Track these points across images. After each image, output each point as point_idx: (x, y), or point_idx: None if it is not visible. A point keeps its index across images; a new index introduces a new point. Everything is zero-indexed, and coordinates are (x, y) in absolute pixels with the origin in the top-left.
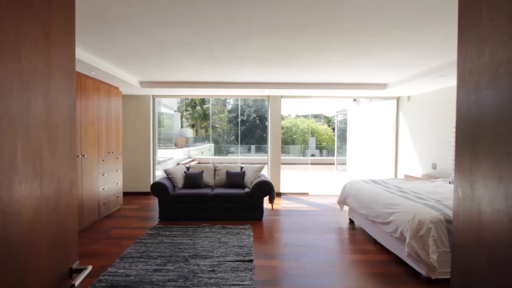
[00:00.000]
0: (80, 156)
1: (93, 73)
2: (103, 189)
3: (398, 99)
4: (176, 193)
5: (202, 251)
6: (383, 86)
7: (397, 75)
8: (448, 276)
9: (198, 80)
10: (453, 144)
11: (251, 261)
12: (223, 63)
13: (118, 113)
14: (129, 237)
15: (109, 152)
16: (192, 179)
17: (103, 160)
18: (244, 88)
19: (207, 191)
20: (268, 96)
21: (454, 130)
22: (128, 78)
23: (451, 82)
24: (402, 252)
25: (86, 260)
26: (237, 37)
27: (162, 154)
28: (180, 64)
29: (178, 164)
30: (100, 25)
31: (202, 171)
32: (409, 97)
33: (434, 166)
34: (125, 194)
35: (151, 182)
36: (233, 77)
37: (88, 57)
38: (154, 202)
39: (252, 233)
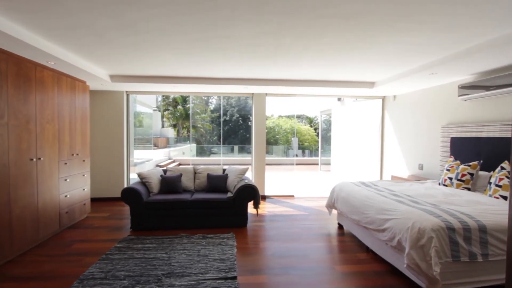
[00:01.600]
0: (34, 159)
1: (52, 63)
2: (66, 196)
3: (383, 98)
4: (150, 200)
5: (179, 267)
6: (371, 84)
7: (386, 73)
8: None
9: (177, 75)
10: (441, 144)
11: (234, 278)
12: (203, 55)
13: (84, 110)
14: (94, 252)
15: (73, 154)
16: (169, 183)
17: (66, 164)
18: (227, 84)
19: (186, 196)
20: (252, 94)
21: (441, 130)
22: (95, 71)
23: (439, 81)
24: (398, 262)
25: (36, 284)
26: (219, 22)
27: (140, 155)
28: (154, 55)
29: (157, 165)
30: (54, 2)
31: (181, 174)
32: (395, 97)
33: (421, 167)
34: (95, 200)
35: (125, 186)
36: (215, 72)
37: (42, 43)
38: (128, 208)
39: (235, 243)
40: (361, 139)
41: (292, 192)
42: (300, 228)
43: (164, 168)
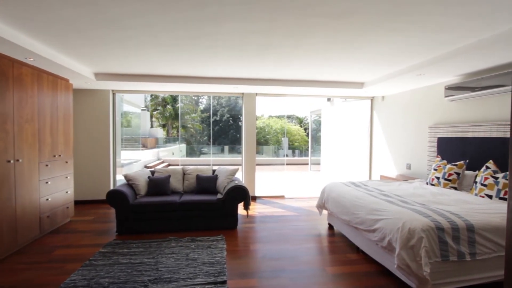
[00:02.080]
0: (12, 161)
1: (31, 59)
2: (47, 199)
3: (372, 99)
4: (137, 202)
5: (166, 272)
6: (360, 85)
7: (375, 73)
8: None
9: (165, 73)
10: (428, 144)
11: (224, 282)
12: (191, 53)
13: (67, 109)
14: (77, 258)
15: (55, 156)
16: (157, 184)
17: (47, 165)
18: (216, 83)
19: (174, 198)
20: (243, 93)
21: (429, 130)
22: (79, 69)
23: (427, 81)
24: (388, 262)
25: None
26: (207, 18)
27: (128, 156)
28: (141, 53)
29: (145, 166)
30: None
31: (169, 176)
32: (383, 97)
33: (408, 167)
34: (79, 203)
35: (111, 188)
36: (204, 71)
37: (20, 38)
38: (114, 211)
39: (225, 246)
40: (351, 139)
41: (282, 193)
42: (290, 229)
43: (152, 169)
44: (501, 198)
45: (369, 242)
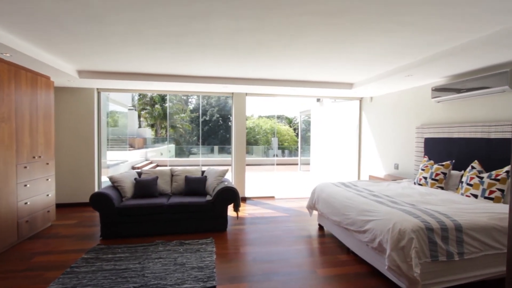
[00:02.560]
0: None
1: (7, 55)
2: (26, 203)
3: (361, 100)
4: (123, 205)
5: (153, 278)
6: (350, 85)
7: (365, 74)
8: None
9: (152, 72)
10: (415, 145)
11: (213, 287)
12: (179, 50)
13: (48, 108)
14: (57, 265)
15: (34, 157)
16: (144, 186)
17: (26, 167)
18: (206, 83)
19: (162, 200)
20: (232, 93)
21: (416, 131)
22: (61, 66)
23: (414, 83)
24: (378, 262)
25: None
26: (194, 15)
27: (114, 156)
28: (127, 50)
29: (132, 167)
30: None
31: (157, 177)
32: (371, 98)
33: (396, 166)
34: (62, 206)
35: (96, 190)
36: (193, 69)
37: None
38: (99, 214)
39: (214, 249)
40: (340, 140)
41: (272, 193)
42: (281, 230)
43: (139, 170)
44: (486, 198)
45: (359, 243)
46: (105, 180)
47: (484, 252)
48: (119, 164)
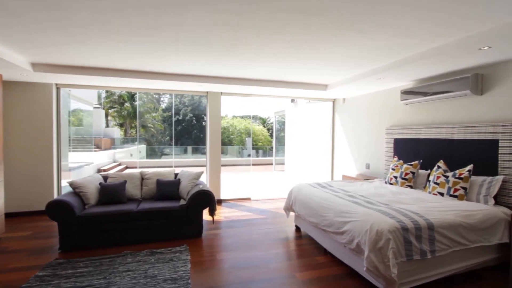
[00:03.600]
0: None
1: None
2: None
3: (334, 101)
4: (86, 213)
5: None
6: (324, 86)
7: (340, 76)
8: (409, 286)
9: (120, 67)
10: (385, 145)
11: None
12: (151, 45)
13: None
14: (4, 286)
15: None
16: (111, 192)
17: None
18: (179, 80)
19: (131, 207)
20: (207, 92)
21: (386, 132)
22: (10, 57)
23: (385, 85)
24: (355, 263)
25: None
26: (168, 5)
27: (78, 158)
28: (89, 42)
29: (99, 170)
30: None
31: (125, 181)
32: (344, 100)
33: (367, 166)
34: (13, 215)
35: (55, 196)
36: (165, 66)
37: None
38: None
39: (189, 257)
40: (314, 140)
41: (248, 194)
42: (258, 233)
43: (105, 173)
44: (451, 195)
45: (336, 244)
46: (66, 185)
47: (453, 249)
48: (83, 167)
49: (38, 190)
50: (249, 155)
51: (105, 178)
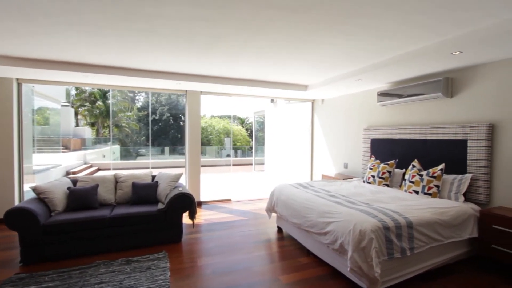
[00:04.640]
0: None
1: None
2: None
3: (313, 102)
4: (51, 221)
5: None
6: (305, 87)
7: (320, 76)
8: (389, 284)
9: (91, 62)
10: (363, 145)
11: None
12: (126, 39)
13: None
14: None
15: None
16: (81, 197)
17: None
18: (156, 78)
19: (104, 212)
20: (186, 91)
21: (363, 132)
22: None
23: (363, 87)
24: (338, 263)
25: None
26: None
27: (44, 160)
28: (55, 33)
29: (67, 172)
30: None
31: (97, 185)
32: (323, 100)
33: (345, 166)
34: None
35: (16, 203)
36: (141, 62)
37: None
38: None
39: (168, 264)
40: (293, 140)
41: (229, 196)
42: (240, 236)
43: (74, 176)
44: (425, 193)
45: (319, 245)
46: (29, 190)
47: (430, 245)
48: (49, 169)
49: None
50: (228, 155)
51: (74, 182)
